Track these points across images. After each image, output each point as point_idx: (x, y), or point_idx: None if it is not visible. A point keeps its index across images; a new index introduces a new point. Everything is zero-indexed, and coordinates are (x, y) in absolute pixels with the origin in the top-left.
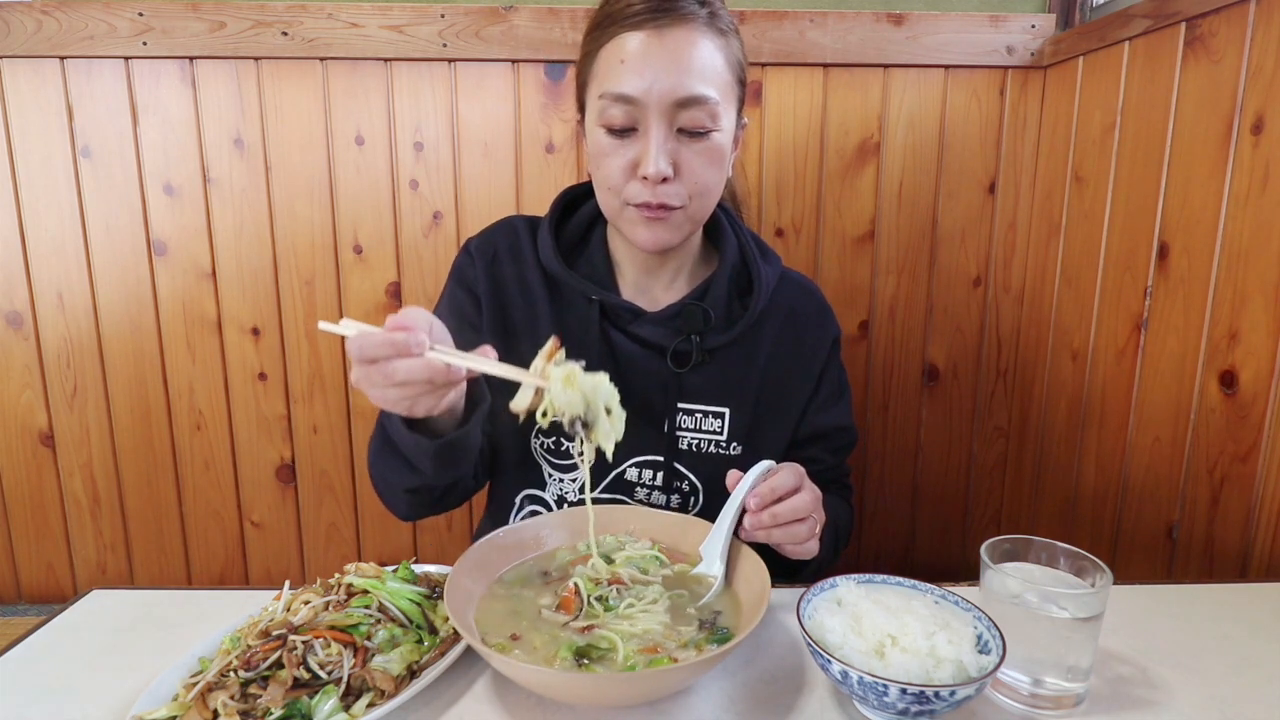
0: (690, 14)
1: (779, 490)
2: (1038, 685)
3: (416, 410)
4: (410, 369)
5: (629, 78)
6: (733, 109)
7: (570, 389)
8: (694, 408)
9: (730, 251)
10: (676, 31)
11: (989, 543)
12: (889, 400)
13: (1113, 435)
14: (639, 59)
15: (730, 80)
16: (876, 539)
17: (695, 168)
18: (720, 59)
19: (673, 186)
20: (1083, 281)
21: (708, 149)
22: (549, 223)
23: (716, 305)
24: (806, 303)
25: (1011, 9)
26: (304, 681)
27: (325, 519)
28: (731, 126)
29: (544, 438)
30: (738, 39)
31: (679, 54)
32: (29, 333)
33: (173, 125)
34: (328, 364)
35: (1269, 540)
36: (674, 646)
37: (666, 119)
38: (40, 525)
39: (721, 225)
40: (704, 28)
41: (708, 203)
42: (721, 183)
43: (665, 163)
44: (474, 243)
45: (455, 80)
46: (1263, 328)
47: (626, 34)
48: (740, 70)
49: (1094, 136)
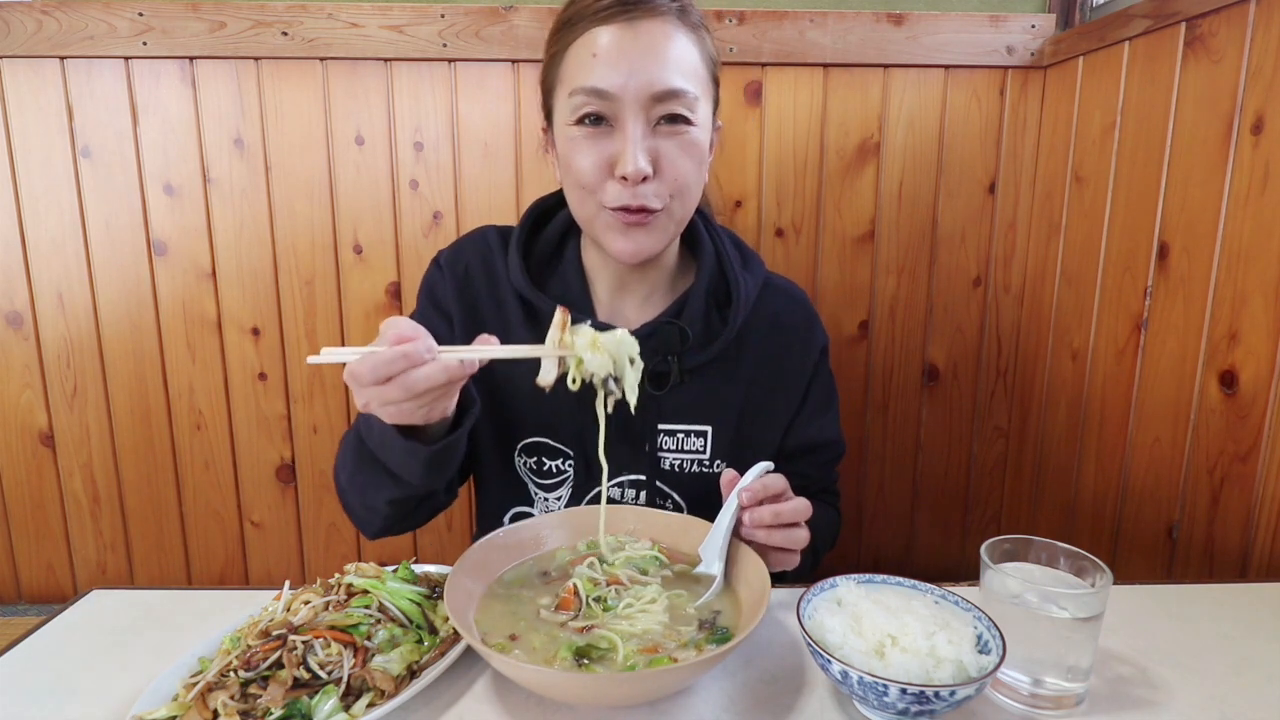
0: (661, 8)
1: (772, 489)
2: (1038, 685)
3: (433, 416)
4: (430, 376)
5: (603, 71)
6: (709, 106)
7: (598, 352)
8: (675, 428)
9: (707, 260)
10: (649, 24)
11: (989, 543)
12: (889, 400)
13: (1113, 435)
14: (613, 52)
15: (705, 76)
16: (876, 539)
17: (675, 163)
18: (695, 53)
19: (652, 186)
20: (1083, 281)
21: (687, 144)
22: (517, 241)
23: (694, 322)
24: (792, 311)
25: (1011, 9)
26: (304, 681)
27: (325, 519)
28: (708, 124)
29: (526, 456)
30: (709, 35)
31: (654, 46)
32: (29, 333)
33: (173, 125)
34: (328, 364)
35: (1269, 540)
36: (674, 646)
37: (644, 114)
38: (40, 525)
39: (698, 232)
40: (676, 21)
41: (688, 203)
42: (701, 182)
43: (645, 160)
44: (445, 256)
45: (455, 80)
46: (1263, 328)
47: (597, 28)
48: (714, 67)
49: (1094, 136)
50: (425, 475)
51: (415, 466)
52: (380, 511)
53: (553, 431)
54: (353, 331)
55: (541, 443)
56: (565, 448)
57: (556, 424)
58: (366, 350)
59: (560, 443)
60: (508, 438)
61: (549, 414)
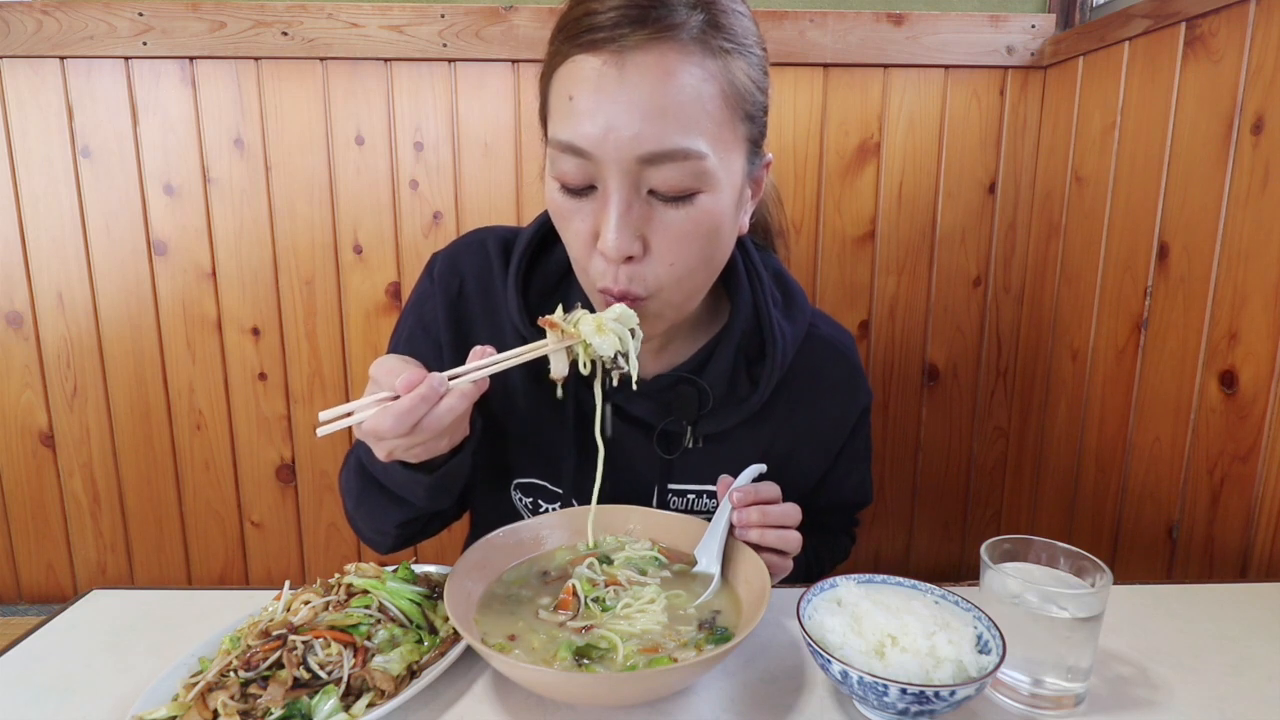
0: (671, 27)
1: (763, 493)
2: (1038, 685)
3: (455, 441)
4: (453, 408)
5: (579, 122)
6: (738, 154)
7: (603, 334)
8: (686, 488)
9: (743, 307)
10: (644, 57)
11: (989, 543)
12: (889, 400)
13: (1113, 435)
14: (591, 97)
15: (729, 118)
16: (876, 539)
17: (671, 244)
18: (713, 89)
19: (640, 268)
20: (1083, 281)
21: (690, 218)
22: (515, 275)
23: (718, 381)
24: (834, 368)
25: (1011, 9)
26: (304, 681)
27: (325, 519)
28: (736, 178)
29: (522, 495)
30: (748, 56)
31: (645, 89)
32: (29, 333)
33: (173, 125)
34: (328, 364)
35: (1269, 540)
36: (674, 646)
37: (629, 179)
38: (40, 525)
39: (735, 268)
40: (690, 47)
41: (692, 286)
42: (715, 258)
43: (629, 237)
44: (439, 267)
45: (455, 80)
46: (1263, 328)
47: (581, 56)
48: (750, 101)
49: (1094, 136)
50: (431, 498)
51: (420, 492)
52: (390, 534)
53: (551, 477)
54: (352, 332)
55: (538, 485)
56: (562, 491)
57: (553, 469)
58: (369, 400)
59: (558, 487)
60: (504, 475)
61: (545, 458)
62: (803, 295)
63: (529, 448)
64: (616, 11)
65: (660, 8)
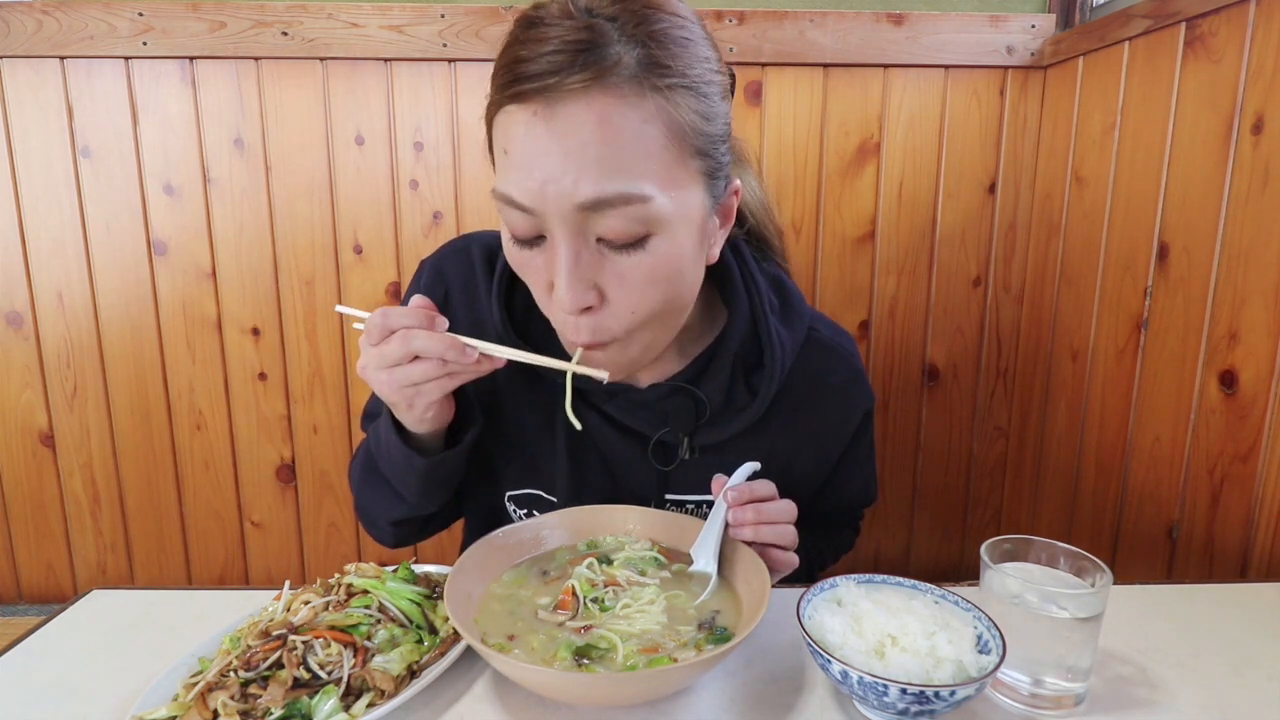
0: (604, 72)
1: (758, 491)
2: (1038, 685)
3: (417, 404)
4: (429, 341)
5: (516, 177)
6: (694, 189)
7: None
8: (684, 498)
9: (740, 316)
10: (574, 107)
11: (989, 543)
12: (889, 400)
13: (1113, 435)
14: (523, 151)
15: (678, 156)
16: (876, 539)
17: (629, 292)
18: (655, 130)
19: (600, 318)
20: (1083, 281)
21: (644, 265)
22: (498, 288)
23: (715, 390)
24: (834, 372)
25: (1011, 9)
26: (304, 681)
27: (325, 519)
28: (695, 213)
29: (517, 506)
30: (696, 89)
31: (576, 139)
32: (29, 333)
33: (173, 125)
34: (328, 364)
35: (1269, 540)
36: (673, 646)
37: (574, 228)
38: (40, 525)
39: (732, 275)
40: (625, 90)
41: (662, 326)
42: (682, 297)
43: (581, 289)
44: (426, 274)
45: (455, 80)
46: (1263, 328)
47: (513, 107)
48: (699, 135)
49: (1094, 136)
50: (422, 490)
51: (413, 481)
52: (388, 531)
53: (546, 487)
54: (352, 332)
55: (534, 495)
56: (557, 500)
57: (547, 480)
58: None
59: (554, 496)
60: (494, 486)
61: (538, 469)
62: (801, 300)
63: (521, 459)
64: (545, 59)
65: (591, 50)
